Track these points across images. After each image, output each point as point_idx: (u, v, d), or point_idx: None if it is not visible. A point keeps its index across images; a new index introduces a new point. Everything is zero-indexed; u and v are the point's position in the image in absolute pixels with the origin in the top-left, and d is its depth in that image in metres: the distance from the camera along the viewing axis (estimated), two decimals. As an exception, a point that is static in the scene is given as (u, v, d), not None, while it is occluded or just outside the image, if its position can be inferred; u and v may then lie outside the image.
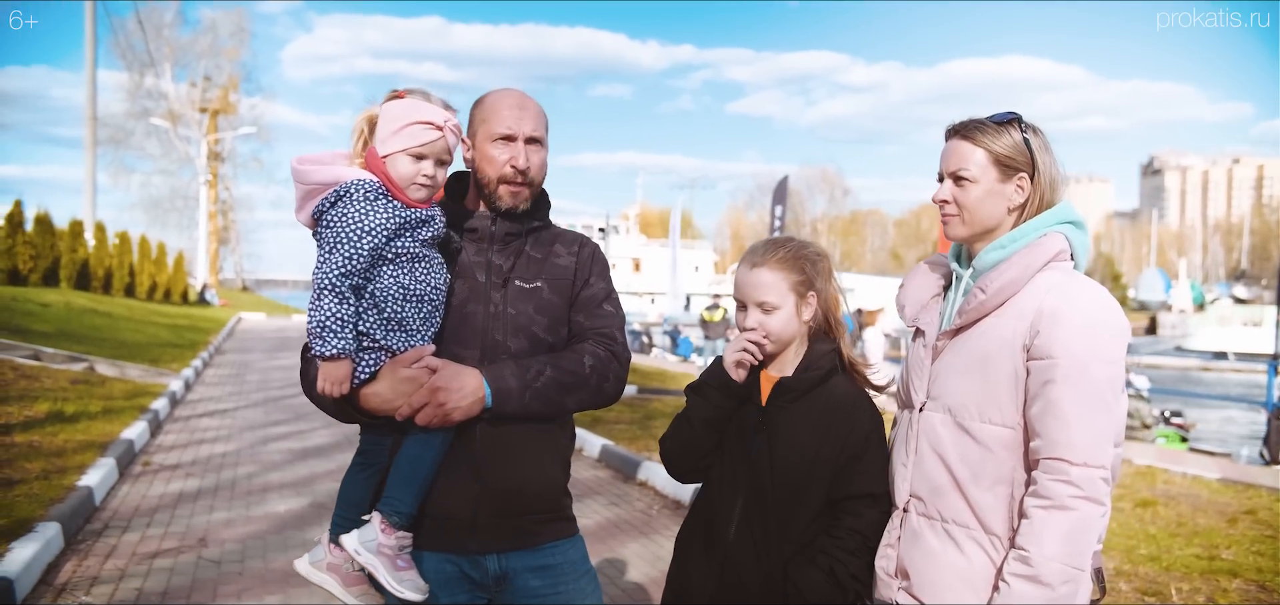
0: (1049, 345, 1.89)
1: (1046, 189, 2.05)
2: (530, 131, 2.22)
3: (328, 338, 1.97)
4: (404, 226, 2.06)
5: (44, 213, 26.39)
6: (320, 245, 2.03)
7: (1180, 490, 7.93)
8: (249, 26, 61.53)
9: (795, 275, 2.26)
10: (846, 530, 2.17)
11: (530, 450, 2.22)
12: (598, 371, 2.23)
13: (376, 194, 2.04)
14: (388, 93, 2.13)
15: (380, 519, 2.08)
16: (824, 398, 2.23)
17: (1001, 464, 1.96)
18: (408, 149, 2.07)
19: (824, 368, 2.24)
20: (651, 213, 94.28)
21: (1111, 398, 1.88)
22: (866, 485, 2.18)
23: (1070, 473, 1.84)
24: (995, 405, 1.96)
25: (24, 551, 4.84)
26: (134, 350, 15.95)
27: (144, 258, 34.71)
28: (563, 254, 2.32)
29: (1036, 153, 2.04)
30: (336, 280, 1.98)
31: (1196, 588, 5.16)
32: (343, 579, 2.15)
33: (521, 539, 2.23)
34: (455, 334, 2.16)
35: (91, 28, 33.77)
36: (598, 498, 7.43)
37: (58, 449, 7.48)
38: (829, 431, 2.20)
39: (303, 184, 2.06)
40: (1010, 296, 1.98)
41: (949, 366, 2.06)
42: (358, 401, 2.07)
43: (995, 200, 2.05)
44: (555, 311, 2.27)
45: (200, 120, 56.56)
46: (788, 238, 2.34)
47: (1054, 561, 1.83)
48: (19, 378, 10.54)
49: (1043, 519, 1.85)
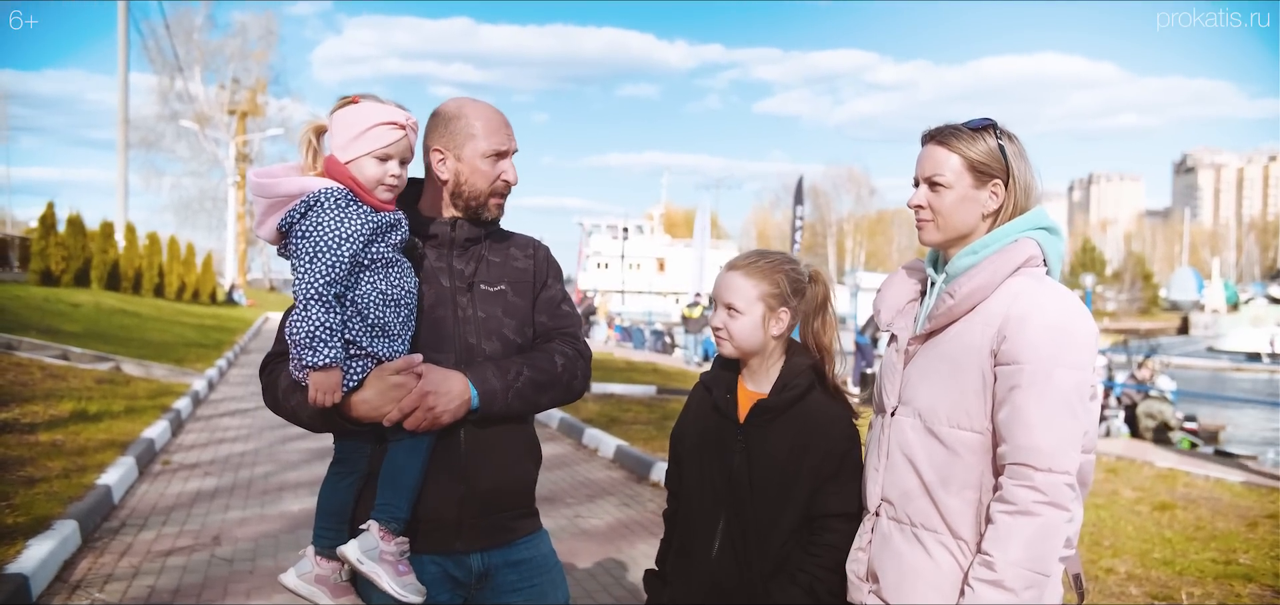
0: (1015, 350, 1.89)
1: (1020, 195, 2.04)
2: (515, 147, 2.32)
3: (318, 348, 1.98)
4: (377, 231, 2.07)
5: (76, 214, 26.85)
6: (297, 257, 2.03)
7: (1201, 493, 7.83)
8: (277, 29, 62.06)
9: (766, 286, 2.27)
10: (824, 547, 2.18)
11: (509, 448, 2.26)
12: (568, 370, 2.31)
13: (347, 200, 2.05)
14: (338, 100, 2.14)
15: (378, 527, 2.08)
16: (802, 415, 2.24)
17: (970, 469, 1.96)
18: (373, 151, 2.08)
19: (801, 386, 2.25)
20: (676, 213, 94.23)
21: (1078, 403, 1.87)
22: (841, 504, 2.19)
23: (1035, 478, 1.84)
24: (964, 410, 1.96)
25: (40, 549, 4.94)
26: (160, 350, 16.17)
27: (173, 259, 35.20)
28: (520, 257, 2.38)
29: (1011, 159, 2.04)
30: (322, 289, 1.98)
31: (1208, 592, 5.10)
32: (331, 590, 2.16)
33: (501, 536, 2.27)
34: (428, 339, 2.18)
35: (123, 32, 34.28)
36: (610, 498, 7.45)
37: (80, 448, 7.61)
38: (807, 449, 2.21)
39: (265, 197, 2.06)
40: (980, 301, 1.98)
41: (919, 371, 2.06)
42: (345, 410, 2.08)
43: (969, 206, 2.05)
44: (521, 313, 2.32)
45: (229, 122, 57.23)
46: (779, 254, 2.35)
47: (1017, 567, 1.82)
48: (46, 377, 10.73)
49: (1007, 524, 1.85)
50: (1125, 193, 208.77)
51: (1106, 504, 7.15)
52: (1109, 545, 5.97)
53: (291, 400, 2.13)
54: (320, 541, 2.18)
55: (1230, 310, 65.90)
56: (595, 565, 5.64)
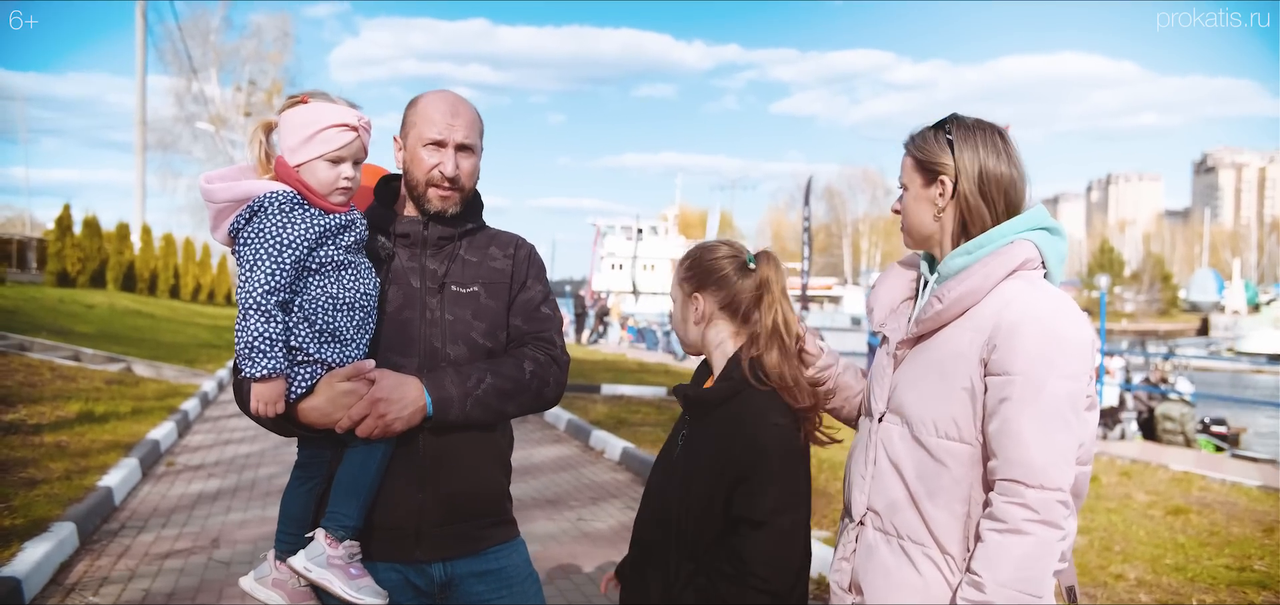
0: (1005, 360, 1.79)
1: (968, 192, 1.93)
2: (461, 138, 2.20)
3: (257, 359, 1.94)
4: (325, 234, 2.02)
5: (92, 216, 27.08)
6: (241, 263, 1.99)
7: (1217, 498, 7.68)
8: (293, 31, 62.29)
9: (682, 273, 2.20)
10: (727, 553, 2.02)
11: (472, 456, 2.20)
12: (537, 377, 2.22)
13: (293, 204, 2.00)
14: (287, 99, 2.09)
15: (324, 534, 2.05)
16: (731, 413, 2.09)
17: (959, 481, 1.86)
18: (324, 154, 2.04)
19: (734, 380, 2.10)
20: (691, 213, 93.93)
21: (1071, 416, 1.78)
22: (746, 510, 2.00)
23: (1026, 495, 1.74)
24: (951, 420, 1.87)
25: (36, 551, 4.91)
26: (172, 351, 16.23)
27: (188, 260, 35.45)
28: (498, 256, 2.30)
29: (958, 151, 1.94)
30: (261, 299, 1.94)
31: (1221, 600, 4.98)
32: (288, 595, 2.11)
33: (465, 545, 2.21)
34: (392, 342, 2.13)
35: (141, 34, 34.51)
36: (614, 501, 7.39)
37: (84, 449, 7.61)
38: (728, 448, 2.06)
39: (213, 202, 2.02)
40: (970, 306, 1.89)
41: (908, 377, 1.97)
42: (296, 417, 2.03)
43: (922, 206, 2.00)
44: (493, 315, 2.24)
45: (244, 124, 57.46)
46: (712, 242, 2.22)
47: (1007, 587, 1.73)
48: (56, 378, 10.76)
49: (997, 543, 1.75)
50: (1144, 193, 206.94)
51: (1118, 508, 7.02)
52: (1120, 551, 5.85)
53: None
54: (280, 547, 2.15)
55: (1251, 311, 65.19)
56: (596, 569, 5.57)
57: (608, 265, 62.49)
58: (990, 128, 1.97)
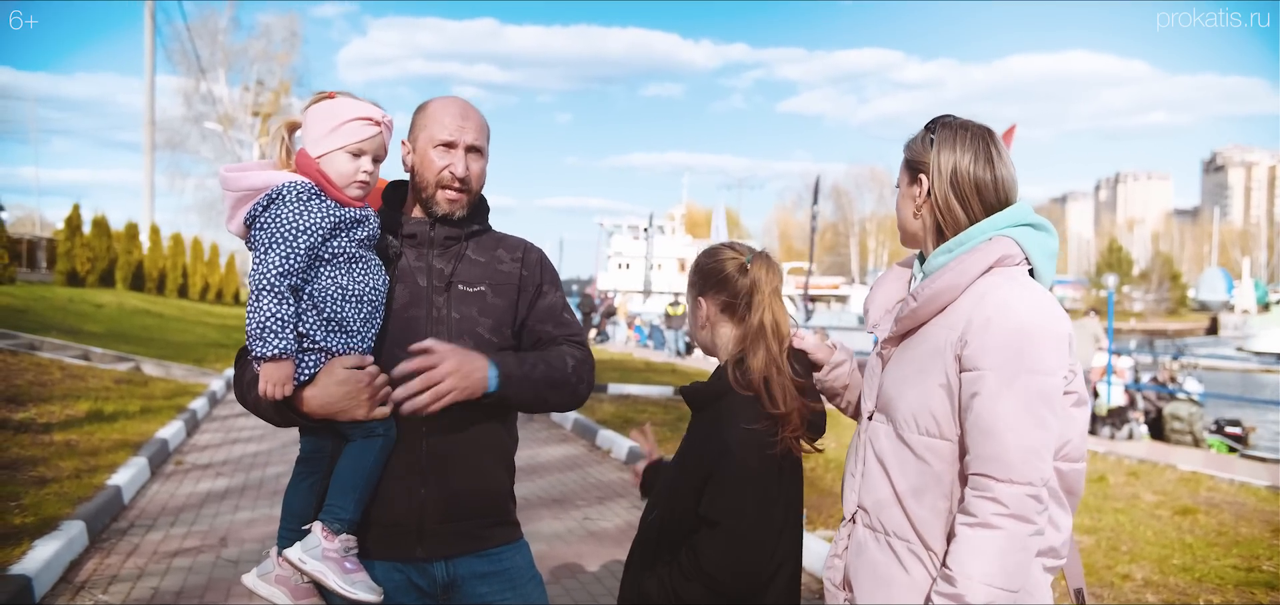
0: (977, 355, 1.80)
1: (940, 192, 1.95)
2: (471, 140, 2.23)
3: (268, 338, 1.96)
4: (339, 226, 2.06)
5: (101, 216, 27.19)
6: (255, 248, 2.02)
7: (1225, 498, 7.65)
8: (301, 31, 62.39)
9: (691, 279, 2.30)
10: (688, 548, 2.12)
11: (475, 454, 2.21)
12: (577, 373, 2.28)
13: (310, 194, 2.05)
14: (314, 95, 2.14)
15: (321, 527, 2.06)
16: (712, 413, 2.16)
17: (941, 478, 1.87)
18: (346, 146, 2.08)
19: (721, 382, 2.16)
20: (698, 213, 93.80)
21: (1044, 410, 1.78)
22: (707, 508, 2.07)
23: (995, 489, 1.75)
24: (931, 417, 1.88)
25: (46, 550, 4.95)
26: (181, 350, 16.29)
27: (196, 259, 35.53)
28: (506, 259, 2.32)
29: (936, 147, 1.96)
30: (275, 280, 1.97)
31: (1229, 600, 4.97)
32: (292, 591, 2.12)
33: (468, 544, 2.22)
34: (399, 339, 2.14)
35: (150, 34, 34.63)
36: (621, 500, 7.40)
37: (93, 448, 7.64)
38: (702, 448, 2.13)
39: (232, 191, 2.05)
40: (947, 302, 1.89)
41: (892, 376, 1.99)
42: (297, 404, 2.05)
43: (905, 203, 2.04)
44: (499, 314, 2.26)
45: (252, 123, 57.69)
46: (718, 245, 2.28)
47: (978, 582, 1.73)
48: (65, 377, 10.81)
49: (968, 538, 1.77)
50: (1153, 192, 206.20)
51: (1126, 508, 7.00)
52: (1127, 551, 5.84)
53: (253, 393, 2.10)
54: (282, 542, 2.16)
55: (1261, 310, 64.86)
56: (602, 568, 5.58)
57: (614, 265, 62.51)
58: (977, 130, 1.97)
